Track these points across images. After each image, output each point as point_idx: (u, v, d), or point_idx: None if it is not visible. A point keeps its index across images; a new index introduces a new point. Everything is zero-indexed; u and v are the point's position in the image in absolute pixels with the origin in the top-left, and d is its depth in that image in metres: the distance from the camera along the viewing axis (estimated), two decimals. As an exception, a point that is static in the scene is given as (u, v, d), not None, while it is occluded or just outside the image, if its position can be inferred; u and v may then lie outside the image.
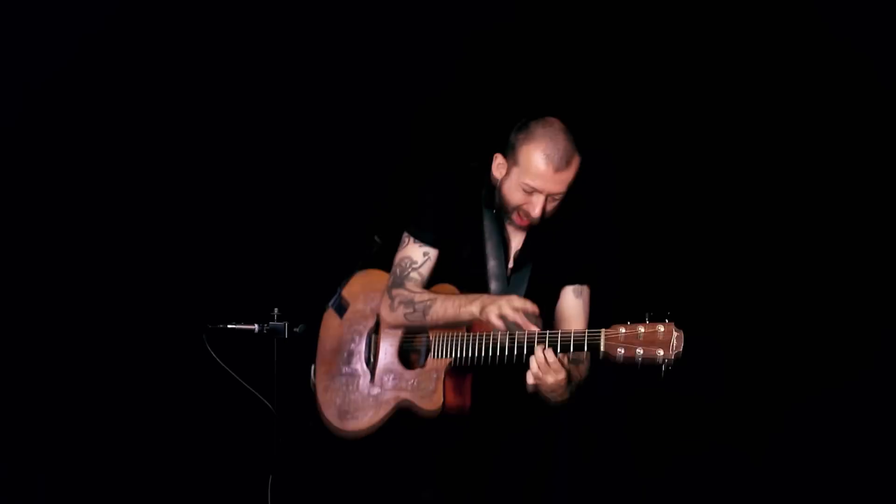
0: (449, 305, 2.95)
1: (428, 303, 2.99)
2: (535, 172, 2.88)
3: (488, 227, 3.07)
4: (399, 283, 3.07)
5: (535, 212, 2.91)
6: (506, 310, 2.80)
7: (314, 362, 3.21)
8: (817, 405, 3.81)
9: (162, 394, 4.20)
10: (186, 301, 4.14)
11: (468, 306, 2.90)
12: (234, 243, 4.24)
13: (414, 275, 3.07)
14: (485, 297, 2.90)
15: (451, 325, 2.96)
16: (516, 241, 3.07)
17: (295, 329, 3.29)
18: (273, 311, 3.28)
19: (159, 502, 4.20)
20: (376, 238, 3.13)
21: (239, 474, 4.02)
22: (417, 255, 3.08)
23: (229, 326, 3.28)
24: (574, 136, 2.93)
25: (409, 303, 3.02)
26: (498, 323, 2.81)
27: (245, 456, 3.96)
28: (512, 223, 3.02)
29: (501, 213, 3.02)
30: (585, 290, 3.05)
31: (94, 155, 4.22)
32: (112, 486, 4.19)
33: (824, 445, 3.80)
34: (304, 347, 3.41)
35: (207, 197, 4.25)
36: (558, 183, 2.89)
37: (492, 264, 3.05)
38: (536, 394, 2.85)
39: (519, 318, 2.78)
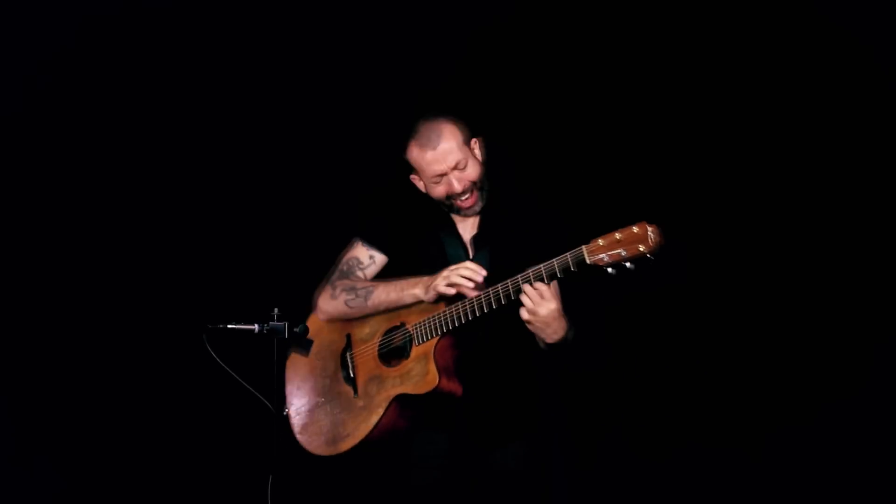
0: (391, 289, 3.06)
1: (370, 288, 3.10)
2: (425, 164, 3.05)
3: (443, 227, 3.15)
4: (343, 277, 3.18)
5: (456, 187, 3.03)
6: (454, 278, 2.89)
7: (284, 402, 3.26)
8: (818, 405, 3.81)
9: (162, 394, 4.20)
10: (186, 301, 4.14)
11: (411, 289, 3.00)
12: (234, 243, 4.25)
13: (359, 273, 3.19)
14: (425, 278, 2.99)
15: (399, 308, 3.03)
16: (471, 228, 3.14)
17: (295, 329, 3.28)
18: (273, 311, 3.28)
19: (160, 502, 4.21)
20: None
21: (239, 474, 4.02)
22: (364, 257, 3.20)
23: (229, 326, 3.27)
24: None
25: (351, 289, 3.14)
26: (449, 290, 2.89)
27: (245, 456, 3.96)
28: (459, 212, 3.10)
29: (449, 210, 3.11)
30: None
31: (95, 155, 4.22)
32: (113, 485, 4.19)
33: (824, 445, 3.80)
34: (304, 347, 3.41)
35: (207, 197, 4.25)
36: (445, 155, 3.02)
37: (451, 254, 3.11)
38: (534, 338, 2.89)
39: (467, 284, 2.86)
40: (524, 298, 2.77)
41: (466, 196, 3.05)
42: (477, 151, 3.10)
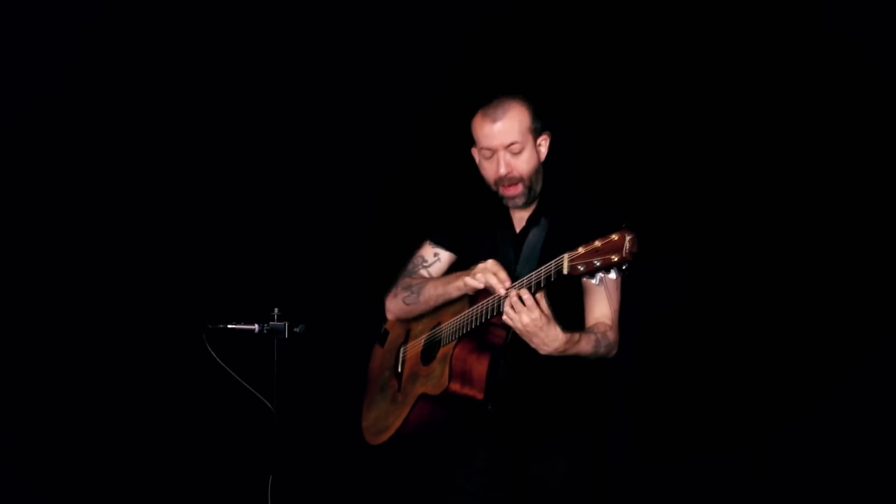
0: (440, 283, 3.03)
1: (423, 284, 3.09)
2: (481, 134, 2.94)
3: (500, 223, 3.09)
4: (407, 276, 3.17)
5: (501, 170, 2.93)
6: (482, 276, 2.84)
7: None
8: (817, 404, 3.82)
9: (162, 394, 4.20)
10: (186, 301, 4.15)
11: (454, 282, 2.97)
12: (234, 243, 4.25)
13: (423, 271, 3.16)
14: (465, 271, 2.94)
15: (446, 305, 3.01)
16: (520, 220, 3.07)
17: (295, 329, 3.29)
18: (273, 311, 3.28)
19: (160, 502, 4.21)
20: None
21: (239, 474, 4.02)
22: (429, 255, 3.17)
23: (229, 326, 3.28)
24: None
25: (408, 287, 3.12)
26: (475, 283, 2.86)
27: (245, 456, 3.96)
28: (504, 200, 3.02)
29: (501, 200, 3.03)
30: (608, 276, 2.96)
31: (95, 156, 4.22)
32: (113, 485, 4.20)
33: (823, 444, 3.81)
34: (305, 347, 3.42)
35: (207, 197, 4.25)
36: (503, 133, 2.92)
37: (501, 252, 3.05)
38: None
39: (491, 279, 2.82)
40: (504, 305, 2.73)
41: (511, 185, 2.95)
42: (542, 147, 3.00)
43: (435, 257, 3.17)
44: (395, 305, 3.18)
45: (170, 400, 4.20)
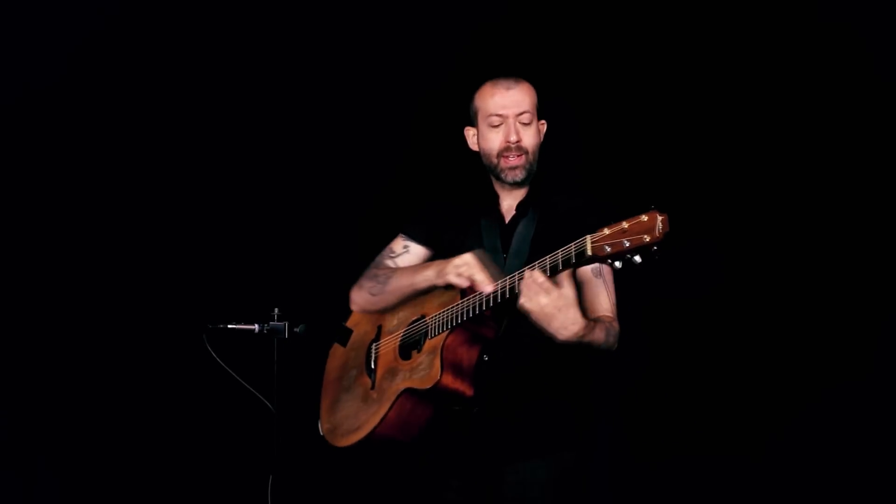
0: (408, 272, 2.96)
1: (390, 273, 3.01)
2: (492, 101, 2.92)
3: (484, 210, 3.02)
4: (374, 266, 3.09)
5: (512, 136, 2.90)
6: (466, 272, 2.75)
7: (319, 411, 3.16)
8: (817, 404, 3.82)
9: (162, 394, 4.20)
10: (186, 301, 4.15)
11: (424, 271, 2.89)
12: (234, 243, 4.24)
13: (388, 262, 3.08)
14: (440, 261, 2.87)
15: (430, 297, 2.90)
16: (509, 210, 3.01)
17: (295, 329, 3.28)
18: (273, 311, 3.28)
19: (160, 502, 4.21)
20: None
21: (239, 474, 4.02)
22: (398, 247, 3.09)
23: (229, 326, 3.28)
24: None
25: (373, 277, 3.05)
26: (459, 281, 2.76)
27: (245, 456, 3.96)
28: (503, 180, 2.96)
29: (496, 177, 2.98)
30: (605, 269, 2.87)
31: (95, 156, 4.22)
32: (113, 485, 4.19)
33: (824, 445, 3.81)
34: (304, 347, 3.41)
35: (208, 197, 4.25)
36: (516, 101, 2.91)
37: (487, 245, 2.96)
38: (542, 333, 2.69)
39: (477, 276, 2.73)
40: (521, 286, 2.59)
41: (517, 155, 2.90)
42: (542, 130, 2.98)
43: (404, 249, 3.07)
44: (360, 297, 3.08)
45: (170, 400, 4.20)
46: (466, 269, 2.76)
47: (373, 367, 3.03)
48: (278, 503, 3.27)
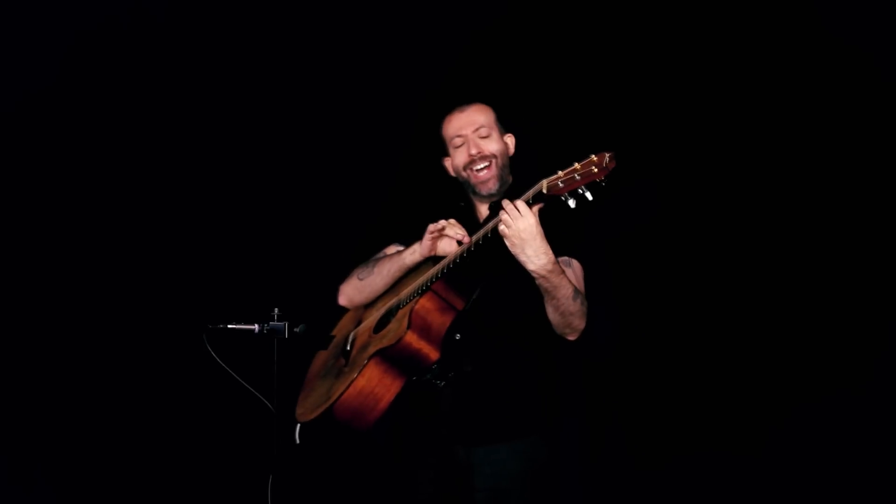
0: (395, 256, 3.16)
1: (376, 260, 3.23)
2: (451, 126, 3.19)
3: (464, 217, 3.15)
4: (363, 264, 3.30)
5: (472, 149, 3.13)
6: (439, 224, 2.98)
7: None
8: (817, 403, 3.82)
9: (162, 394, 4.20)
10: (186, 301, 4.15)
11: (409, 248, 3.10)
12: (234, 243, 4.25)
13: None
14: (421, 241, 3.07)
15: (403, 281, 3.09)
16: (485, 215, 3.18)
17: (295, 329, 3.28)
18: (273, 311, 3.28)
19: (160, 502, 4.21)
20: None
21: (239, 474, 4.02)
22: (390, 250, 3.30)
23: (229, 326, 3.28)
24: None
25: (364, 265, 3.27)
26: (437, 225, 2.99)
27: (245, 456, 3.96)
28: (479, 194, 3.16)
29: (472, 192, 3.18)
30: (574, 262, 3.04)
31: (95, 156, 4.22)
32: (113, 485, 4.20)
33: (823, 442, 3.81)
34: (304, 347, 3.42)
35: (208, 197, 4.26)
36: (471, 119, 3.16)
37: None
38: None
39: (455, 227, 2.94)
40: (502, 215, 2.76)
41: (482, 167, 3.11)
42: (510, 143, 3.19)
43: (396, 253, 3.22)
44: (348, 286, 3.30)
45: (170, 400, 4.20)
46: (445, 223, 2.98)
47: (349, 348, 3.19)
48: (278, 503, 3.27)
